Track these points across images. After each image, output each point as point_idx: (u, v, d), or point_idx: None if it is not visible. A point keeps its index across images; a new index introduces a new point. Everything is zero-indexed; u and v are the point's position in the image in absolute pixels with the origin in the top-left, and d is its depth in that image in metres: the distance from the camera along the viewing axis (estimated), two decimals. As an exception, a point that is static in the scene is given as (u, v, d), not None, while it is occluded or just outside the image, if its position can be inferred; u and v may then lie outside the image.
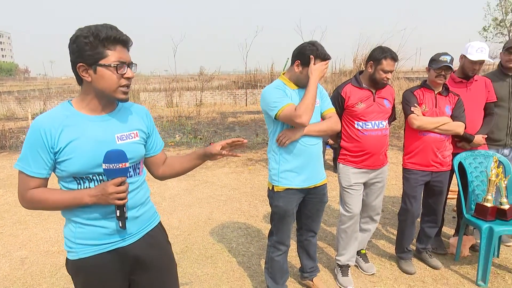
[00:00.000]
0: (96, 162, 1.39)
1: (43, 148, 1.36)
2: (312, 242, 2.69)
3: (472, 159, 3.06)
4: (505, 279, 2.87)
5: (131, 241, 1.53)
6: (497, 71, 3.20)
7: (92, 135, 1.40)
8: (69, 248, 1.48)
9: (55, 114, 1.41)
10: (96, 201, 1.39)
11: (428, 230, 3.09)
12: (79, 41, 1.33)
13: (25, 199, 1.43)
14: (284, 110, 2.21)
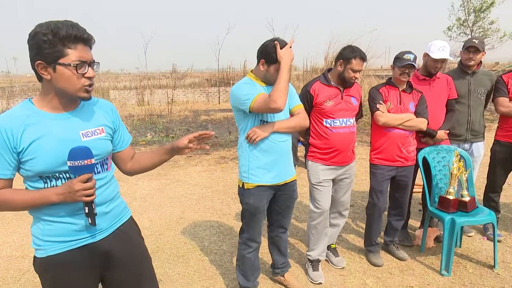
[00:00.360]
0: (61, 160, 1.38)
1: (5, 149, 1.33)
2: (283, 238, 2.71)
3: (436, 154, 3.18)
4: (467, 268, 3.00)
5: (101, 237, 1.52)
6: (457, 69, 3.34)
7: (55, 133, 1.38)
8: (37, 246, 1.46)
9: (16, 113, 1.37)
10: (64, 199, 1.37)
11: (394, 223, 3.19)
12: (38, 38, 1.29)
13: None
14: (258, 100, 2.20)
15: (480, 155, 3.41)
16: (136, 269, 1.63)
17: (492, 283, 2.79)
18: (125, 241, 1.60)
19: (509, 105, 3.16)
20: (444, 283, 2.81)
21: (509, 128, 3.23)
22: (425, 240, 3.29)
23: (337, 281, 2.87)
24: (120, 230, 1.60)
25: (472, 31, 21.75)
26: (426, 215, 3.22)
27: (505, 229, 3.64)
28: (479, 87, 3.26)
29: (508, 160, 3.33)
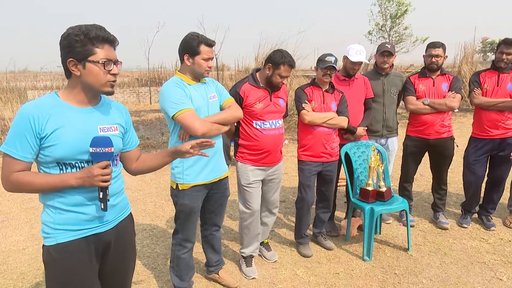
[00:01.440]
0: (79, 149, 1.50)
1: (30, 134, 1.44)
2: (217, 236, 2.75)
3: (356, 149, 3.44)
4: (385, 252, 3.30)
5: (107, 228, 1.63)
6: (373, 71, 3.64)
7: (76, 124, 1.51)
8: (46, 234, 1.54)
9: (42, 102, 1.50)
10: (81, 183, 1.48)
11: (322, 215, 3.39)
12: (71, 39, 1.45)
13: (10, 182, 1.48)
14: (184, 115, 2.23)
15: (394, 149, 3.76)
16: (126, 261, 1.78)
17: (406, 264, 3.10)
18: (123, 234, 1.73)
19: (416, 103, 3.53)
20: (366, 267, 3.06)
21: (417, 124, 3.60)
22: (349, 230, 3.54)
23: (270, 274, 2.98)
24: (122, 223, 1.71)
25: (389, 35, 23.64)
26: (350, 206, 3.47)
27: (418, 215, 4.05)
28: (392, 87, 3.59)
29: (418, 152, 3.72)
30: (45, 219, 1.55)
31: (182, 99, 2.27)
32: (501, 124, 3.45)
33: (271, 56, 2.75)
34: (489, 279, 2.85)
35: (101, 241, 1.62)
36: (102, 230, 1.62)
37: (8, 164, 1.47)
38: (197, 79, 2.40)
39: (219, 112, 2.45)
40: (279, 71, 2.70)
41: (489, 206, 3.75)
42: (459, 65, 14.11)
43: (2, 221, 4.06)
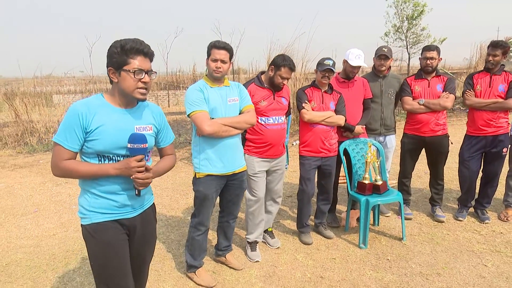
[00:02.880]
0: (117, 145, 1.76)
1: (78, 128, 1.69)
2: (231, 225, 3.07)
3: (355, 146, 3.70)
4: (381, 241, 3.55)
5: (133, 215, 1.89)
6: (371, 73, 3.90)
7: (116, 123, 1.76)
8: (82, 214, 1.82)
9: (90, 102, 1.75)
10: (120, 173, 1.75)
11: (322, 207, 3.67)
12: (111, 50, 1.72)
13: (59, 168, 1.73)
14: (197, 115, 2.58)
15: (392, 146, 4.01)
16: (147, 246, 2.03)
17: (399, 251, 3.34)
18: (147, 221, 1.98)
19: (412, 103, 3.77)
20: (362, 254, 3.32)
21: (414, 123, 3.83)
22: (348, 221, 3.80)
23: (272, 258, 3.28)
24: (145, 212, 1.96)
25: (406, 37, 23.54)
26: (349, 198, 3.74)
27: (416, 209, 4.27)
28: (389, 88, 3.84)
29: (414, 149, 3.95)
30: (82, 202, 1.82)
31: (197, 101, 2.61)
32: (493, 122, 3.65)
33: (274, 59, 3.08)
34: (474, 265, 3.07)
35: (127, 226, 1.87)
36: (129, 216, 1.87)
37: (59, 152, 1.71)
38: (217, 82, 2.73)
39: (234, 116, 2.75)
40: (280, 72, 3.01)
41: (484, 201, 3.95)
42: (475, 66, 14.04)
43: (35, 211, 4.50)
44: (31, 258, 3.36)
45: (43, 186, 5.51)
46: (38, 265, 3.24)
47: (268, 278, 2.98)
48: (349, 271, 3.05)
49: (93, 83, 18.07)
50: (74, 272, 3.11)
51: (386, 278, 2.93)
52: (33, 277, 3.05)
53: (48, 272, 3.12)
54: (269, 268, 3.12)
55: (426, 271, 3.00)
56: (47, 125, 9.40)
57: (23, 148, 8.12)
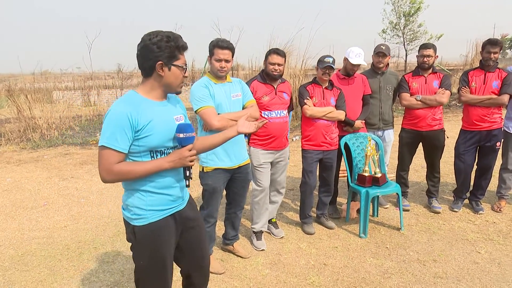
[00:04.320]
0: (167, 137, 1.76)
1: (128, 128, 1.65)
2: (238, 216, 3.22)
3: (355, 140, 3.86)
4: (380, 231, 3.71)
5: (183, 206, 1.92)
6: (370, 70, 4.05)
7: (161, 116, 1.76)
8: (138, 215, 1.77)
9: (131, 100, 1.72)
10: (174, 165, 1.75)
11: (324, 199, 3.83)
12: (161, 44, 1.69)
13: (113, 173, 1.66)
14: (205, 111, 2.70)
15: (391, 140, 4.17)
16: (200, 230, 2.04)
17: (397, 240, 3.51)
18: (193, 209, 2.02)
19: (410, 99, 3.93)
20: (362, 242, 3.49)
21: (411, 118, 3.99)
22: (349, 212, 3.97)
23: (277, 247, 3.44)
24: (189, 201, 2.00)
25: (403, 33, 23.68)
26: (349, 190, 3.90)
27: (414, 201, 4.44)
28: (387, 84, 4.00)
29: (412, 143, 4.11)
30: (136, 203, 1.76)
31: (204, 97, 2.74)
32: (487, 118, 3.81)
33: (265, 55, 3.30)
34: (468, 252, 3.24)
35: (181, 217, 1.89)
36: (181, 208, 1.89)
37: (109, 156, 1.64)
38: (221, 78, 2.87)
39: (239, 111, 2.89)
40: (268, 61, 3.23)
41: (478, 192, 4.12)
42: (471, 62, 14.22)
43: (44, 205, 4.63)
44: (45, 248, 3.50)
45: (50, 180, 5.64)
46: (53, 255, 3.38)
47: (274, 265, 3.13)
48: (350, 258, 3.21)
49: (91, 80, 18.15)
50: (89, 261, 3.25)
51: (386, 264, 3.10)
52: (49, 266, 3.19)
53: (63, 261, 3.27)
54: (274, 256, 3.28)
55: (423, 258, 3.17)
56: (49, 121, 9.51)
57: (26, 144, 8.23)
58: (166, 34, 1.72)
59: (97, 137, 8.72)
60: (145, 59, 1.72)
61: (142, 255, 1.83)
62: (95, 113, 11.17)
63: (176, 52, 1.74)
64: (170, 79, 1.77)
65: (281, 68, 3.24)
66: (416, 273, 2.96)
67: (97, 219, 4.15)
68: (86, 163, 6.60)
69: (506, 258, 3.13)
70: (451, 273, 2.95)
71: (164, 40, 1.70)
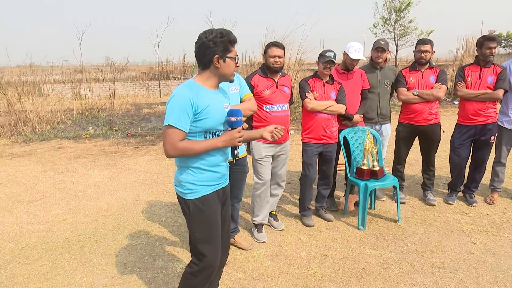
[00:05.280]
0: (220, 121, 2.02)
1: (190, 110, 1.90)
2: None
3: (353, 134, 3.91)
4: (378, 223, 3.79)
5: (227, 183, 2.21)
6: (369, 65, 4.10)
7: (216, 102, 2.00)
8: (190, 190, 2.02)
9: (191, 86, 1.96)
10: (226, 145, 2.01)
11: (323, 192, 3.88)
12: (216, 40, 1.93)
13: (178, 148, 1.90)
14: None
15: (388, 134, 4.23)
16: (229, 206, 2.31)
17: (395, 232, 3.59)
18: (229, 188, 2.28)
19: (407, 94, 3.99)
20: (360, 234, 3.56)
21: (408, 112, 4.06)
22: (347, 205, 4.03)
23: (278, 239, 3.49)
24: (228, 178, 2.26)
25: (394, 29, 23.87)
26: (347, 184, 3.96)
27: (409, 194, 4.53)
28: (385, 79, 4.05)
29: (408, 137, 4.19)
30: (188, 178, 2.01)
31: None
32: (482, 112, 3.90)
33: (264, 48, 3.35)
34: (464, 243, 3.34)
35: (224, 192, 2.18)
36: (225, 185, 2.18)
37: (175, 134, 1.89)
38: None
39: (239, 104, 2.93)
40: (268, 54, 3.27)
41: (472, 185, 4.22)
42: (461, 58, 14.41)
43: (41, 198, 4.60)
44: (46, 241, 3.49)
45: (45, 174, 5.59)
46: (54, 248, 3.37)
47: (276, 257, 3.18)
48: (350, 249, 3.28)
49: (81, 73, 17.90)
50: (90, 254, 3.26)
51: (385, 255, 3.17)
52: (51, 259, 3.19)
53: (64, 254, 3.26)
54: (275, 248, 3.32)
55: (420, 249, 3.25)
56: (40, 115, 9.38)
57: (18, 138, 8.12)
58: (219, 31, 1.96)
59: (89, 131, 8.65)
60: (203, 54, 1.96)
61: (197, 226, 2.06)
62: (87, 107, 11.04)
63: (229, 45, 1.97)
64: (225, 69, 2.01)
65: (281, 60, 3.27)
66: (414, 264, 3.03)
67: (96, 213, 4.14)
68: (81, 156, 6.55)
69: (500, 249, 3.23)
70: (448, 263, 3.04)
71: (218, 36, 1.94)
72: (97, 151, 6.91)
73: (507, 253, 3.16)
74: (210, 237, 2.08)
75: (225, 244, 2.30)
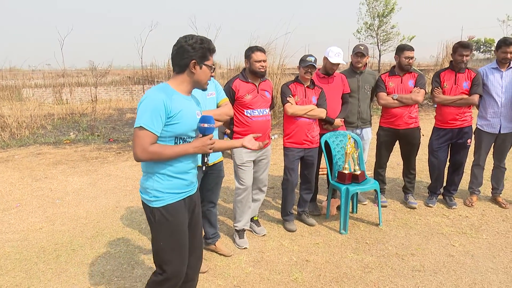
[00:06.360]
0: (191, 127, 1.99)
1: (163, 113, 1.86)
2: (213, 212, 3.21)
3: (335, 138, 3.92)
4: (360, 227, 3.80)
5: (195, 191, 2.15)
6: (349, 69, 4.13)
7: (188, 108, 1.97)
8: (156, 197, 1.96)
9: (165, 90, 1.92)
10: (197, 151, 1.98)
11: (305, 196, 3.87)
12: (195, 46, 1.94)
13: (148, 152, 1.85)
14: None
15: (369, 138, 4.27)
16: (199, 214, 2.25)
17: (376, 235, 3.60)
18: (198, 195, 2.22)
19: (387, 98, 4.03)
20: (342, 239, 3.56)
21: (388, 116, 4.10)
22: (329, 209, 4.03)
23: (259, 245, 3.46)
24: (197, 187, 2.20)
25: (377, 34, 24.24)
26: (329, 188, 3.96)
27: (391, 197, 4.57)
28: (366, 84, 4.08)
29: (389, 141, 4.23)
30: (154, 185, 1.95)
31: None
32: (458, 117, 3.97)
33: (245, 53, 3.32)
34: (444, 245, 3.37)
35: (191, 201, 2.11)
36: (193, 193, 2.11)
37: (146, 137, 1.84)
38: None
39: (216, 109, 2.92)
40: (253, 59, 3.23)
41: (451, 188, 4.28)
42: (441, 63, 14.72)
43: (17, 206, 4.47)
44: (20, 251, 3.38)
45: (22, 181, 5.43)
46: (28, 257, 3.27)
47: (257, 263, 3.15)
48: (332, 254, 3.27)
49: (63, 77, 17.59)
50: (67, 263, 3.17)
51: (366, 259, 3.17)
52: (25, 269, 3.09)
53: (39, 264, 3.16)
54: (257, 254, 3.29)
55: (401, 252, 3.27)
56: (19, 120, 9.14)
57: (-5, 144, 7.89)
58: (200, 38, 1.97)
59: (70, 136, 8.48)
60: (180, 57, 1.95)
61: (161, 235, 2.01)
62: (68, 112, 10.82)
63: (207, 53, 1.98)
64: (201, 76, 2.01)
65: (266, 64, 3.28)
66: (395, 267, 3.05)
67: (74, 220, 4.04)
68: (60, 163, 6.40)
69: (479, 251, 3.28)
70: (428, 266, 3.06)
71: (199, 42, 1.95)
72: (78, 157, 6.77)
73: (485, 255, 3.20)
74: (176, 246, 2.03)
75: (197, 252, 2.25)
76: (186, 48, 1.93)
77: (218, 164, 3.02)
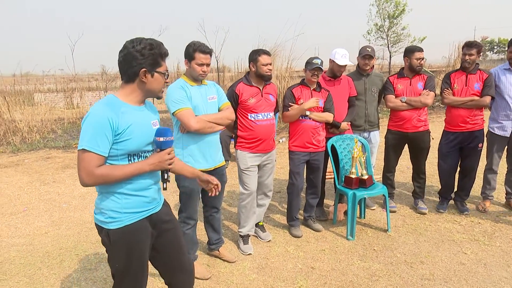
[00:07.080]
0: (145, 142, 1.79)
1: (109, 131, 1.66)
2: (216, 217, 3.16)
3: (341, 142, 3.85)
4: (367, 233, 3.71)
5: (159, 208, 1.93)
6: (356, 72, 4.05)
7: (140, 120, 1.77)
8: (112, 218, 1.75)
9: (111, 103, 1.71)
10: (154, 168, 1.77)
11: (311, 201, 3.80)
12: (144, 52, 1.71)
13: (95, 176, 1.65)
14: (182, 113, 2.66)
15: (377, 141, 4.18)
16: (176, 232, 2.04)
17: (384, 242, 3.51)
18: (168, 211, 2.02)
19: (395, 101, 3.94)
20: (349, 245, 3.47)
21: (397, 119, 4.01)
22: (336, 214, 3.95)
23: (264, 251, 3.39)
24: (164, 203, 2.01)
25: (387, 35, 24.00)
26: (336, 193, 3.88)
27: (400, 202, 4.46)
28: (373, 86, 4.00)
29: (398, 145, 4.13)
30: (110, 206, 1.74)
31: (181, 99, 2.69)
32: (469, 119, 3.85)
33: (250, 56, 3.26)
34: (455, 253, 3.26)
35: (156, 219, 1.89)
36: (157, 210, 1.90)
37: (91, 160, 1.63)
38: (197, 81, 2.82)
39: (217, 113, 2.87)
40: (260, 62, 3.17)
41: (462, 193, 4.16)
42: (453, 64, 14.48)
43: (24, 210, 4.49)
44: (25, 256, 3.38)
45: (31, 185, 5.47)
46: (33, 262, 3.26)
47: (261, 269, 3.09)
48: (338, 261, 3.19)
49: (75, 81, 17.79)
50: (70, 268, 3.15)
51: (373, 267, 3.08)
52: (29, 274, 3.08)
53: (43, 269, 3.15)
54: (261, 260, 3.23)
55: (410, 260, 3.17)
56: (30, 124, 9.27)
57: (6, 148, 8.00)
58: (149, 42, 1.74)
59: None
60: (128, 65, 1.73)
61: (117, 258, 1.82)
62: (78, 116, 10.93)
63: (159, 59, 1.77)
64: (153, 85, 1.80)
65: (271, 67, 3.24)
66: (403, 276, 2.95)
67: (80, 225, 4.03)
68: (69, 167, 6.44)
69: (492, 259, 3.16)
70: (438, 274, 2.95)
71: (148, 48, 1.72)
72: (86, 161, 6.79)
73: (499, 264, 3.08)
74: (132, 270, 1.83)
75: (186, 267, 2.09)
76: (134, 54, 1.70)
77: (220, 169, 2.98)
